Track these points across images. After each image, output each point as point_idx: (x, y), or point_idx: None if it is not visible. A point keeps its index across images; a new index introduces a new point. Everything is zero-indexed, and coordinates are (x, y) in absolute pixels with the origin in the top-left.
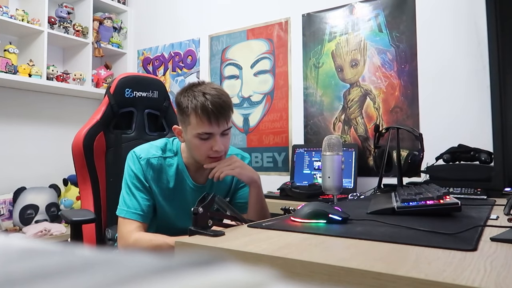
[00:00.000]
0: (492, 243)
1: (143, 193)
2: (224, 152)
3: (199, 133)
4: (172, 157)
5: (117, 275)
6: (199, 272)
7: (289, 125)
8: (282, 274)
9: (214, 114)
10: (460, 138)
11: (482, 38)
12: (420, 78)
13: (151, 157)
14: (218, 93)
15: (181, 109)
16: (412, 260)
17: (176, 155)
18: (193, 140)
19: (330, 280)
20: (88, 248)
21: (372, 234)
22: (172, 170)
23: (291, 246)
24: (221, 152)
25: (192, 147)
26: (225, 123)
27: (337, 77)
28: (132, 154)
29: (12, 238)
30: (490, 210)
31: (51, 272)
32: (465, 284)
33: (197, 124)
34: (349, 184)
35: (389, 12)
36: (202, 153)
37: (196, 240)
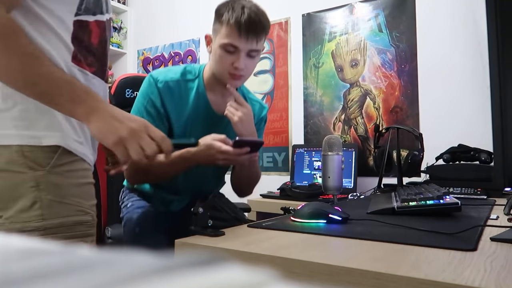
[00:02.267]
0: (492, 243)
1: (156, 120)
2: (245, 73)
3: (225, 43)
4: (193, 80)
5: (117, 275)
6: (199, 272)
7: (289, 125)
8: (282, 274)
9: (245, 29)
10: (460, 138)
11: (482, 38)
12: (420, 78)
13: (170, 80)
14: (257, 11)
15: (216, 17)
16: (412, 260)
17: (197, 77)
18: (218, 50)
19: (330, 280)
20: (88, 248)
21: (372, 234)
22: (192, 94)
23: (291, 246)
24: (241, 70)
25: (216, 58)
26: (255, 42)
27: (337, 77)
28: (149, 78)
29: (12, 238)
30: (490, 210)
31: (51, 272)
32: (465, 284)
33: (226, 34)
34: (349, 184)
35: (389, 12)
36: (224, 67)
37: (196, 240)
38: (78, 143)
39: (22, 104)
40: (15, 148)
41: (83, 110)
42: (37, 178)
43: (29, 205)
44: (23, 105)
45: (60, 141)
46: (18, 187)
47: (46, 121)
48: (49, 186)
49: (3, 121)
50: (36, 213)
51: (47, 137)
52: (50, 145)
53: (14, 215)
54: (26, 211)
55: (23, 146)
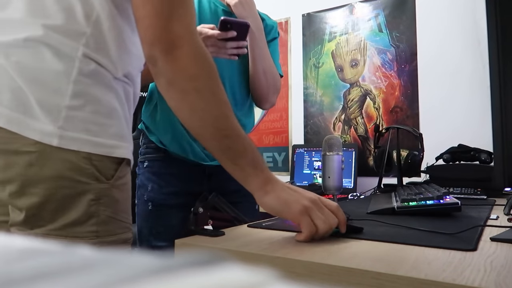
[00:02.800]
0: (492, 243)
1: None
2: None
3: None
4: None
5: (117, 275)
6: (199, 272)
7: (289, 125)
8: (282, 274)
9: None
10: (460, 138)
11: (482, 37)
12: (420, 78)
13: None
14: None
15: None
16: (412, 260)
17: None
18: None
19: (330, 280)
20: (88, 248)
21: (372, 234)
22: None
23: (291, 246)
24: None
25: None
26: None
27: (337, 77)
28: None
29: (12, 238)
30: (490, 210)
31: (51, 272)
32: (465, 284)
33: None
34: (349, 184)
35: (389, 12)
36: None
37: (196, 240)
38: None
39: (93, 104)
40: (84, 155)
41: (261, 179)
42: (100, 191)
43: (84, 220)
44: (94, 106)
45: (127, 153)
46: (75, 198)
47: (115, 128)
48: (109, 201)
49: (73, 121)
50: (91, 229)
51: (117, 147)
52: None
53: (63, 228)
54: (79, 226)
55: (92, 154)
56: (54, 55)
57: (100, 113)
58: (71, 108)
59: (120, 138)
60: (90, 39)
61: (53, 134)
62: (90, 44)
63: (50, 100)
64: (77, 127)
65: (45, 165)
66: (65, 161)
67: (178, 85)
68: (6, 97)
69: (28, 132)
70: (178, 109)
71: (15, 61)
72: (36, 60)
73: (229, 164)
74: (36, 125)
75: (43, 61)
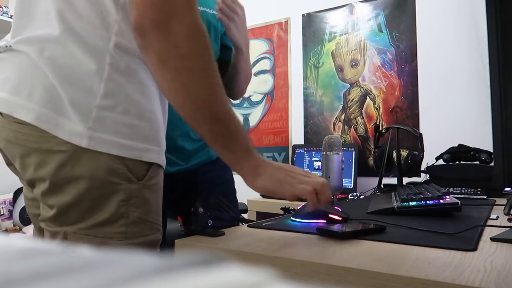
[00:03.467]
0: (492, 243)
1: None
2: None
3: None
4: None
5: (117, 275)
6: (199, 272)
7: (289, 125)
8: (282, 274)
9: None
10: (460, 138)
11: (482, 37)
12: (420, 78)
13: None
14: None
15: None
16: (412, 260)
17: None
18: None
19: (330, 280)
20: (88, 248)
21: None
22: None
23: (291, 246)
24: None
25: None
26: None
27: (337, 77)
28: None
29: (12, 238)
30: (490, 210)
31: (51, 272)
32: (465, 284)
33: None
34: (349, 184)
35: (389, 12)
36: None
37: (196, 240)
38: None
39: (125, 104)
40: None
41: (253, 163)
42: (131, 192)
43: (113, 220)
44: (126, 106)
45: (158, 158)
46: (106, 198)
47: (147, 130)
48: (139, 202)
49: (103, 122)
50: (119, 230)
51: (146, 151)
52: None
53: (92, 227)
54: (108, 226)
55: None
56: (86, 51)
57: (131, 113)
58: (102, 108)
59: (151, 141)
60: (122, 26)
61: (82, 135)
62: (123, 32)
63: (81, 99)
64: (107, 129)
65: (76, 164)
66: (97, 161)
67: (170, 63)
68: (38, 93)
69: (58, 131)
70: (169, 89)
71: (48, 57)
72: (68, 56)
73: (220, 149)
74: (66, 124)
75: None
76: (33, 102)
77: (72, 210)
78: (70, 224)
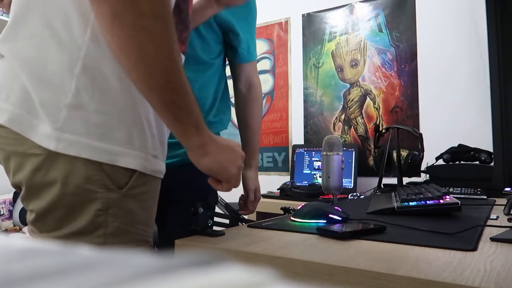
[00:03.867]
0: (492, 243)
1: None
2: None
3: None
4: None
5: (116, 275)
6: (199, 272)
7: (289, 125)
8: (282, 274)
9: None
10: (460, 138)
11: (482, 37)
12: (420, 78)
13: None
14: None
15: None
16: (412, 260)
17: None
18: None
19: (330, 280)
20: (88, 248)
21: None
22: None
23: (291, 246)
24: None
25: None
26: None
27: (337, 77)
28: None
29: (12, 238)
30: (490, 210)
31: (51, 272)
32: (465, 284)
33: None
34: (349, 184)
35: (389, 12)
36: None
37: (196, 240)
38: (154, 158)
39: (99, 102)
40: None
41: (202, 139)
42: (109, 201)
43: (90, 230)
44: (100, 104)
45: (137, 164)
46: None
47: (125, 132)
48: (120, 212)
49: (74, 122)
50: (97, 241)
51: (124, 155)
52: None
53: (68, 236)
54: (85, 236)
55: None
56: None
57: (106, 112)
58: (72, 107)
59: (130, 144)
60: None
61: (51, 137)
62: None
63: (50, 98)
64: (77, 130)
65: (51, 169)
66: (71, 166)
67: (126, 19)
68: (15, 95)
69: (31, 133)
70: (121, 49)
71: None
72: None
73: (170, 120)
74: (39, 126)
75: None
76: (10, 104)
77: (49, 217)
78: (48, 231)
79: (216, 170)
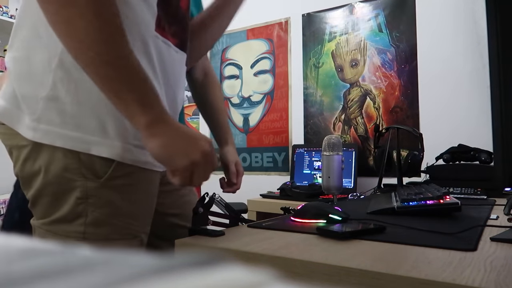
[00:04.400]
0: (492, 243)
1: None
2: None
3: None
4: None
5: (117, 275)
6: (199, 272)
7: (289, 125)
8: (282, 274)
9: None
10: (460, 138)
11: (482, 37)
12: (420, 78)
13: None
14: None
15: None
16: (412, 260)
17: None
18: None
19: (330, 280)
20: (88, 248)
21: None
22: None
23: (291, 246)
24: None
25: None
26: None
27: (337, 77)
28: None
29: (12, 238)
30: (490, 210)
31: (51, 272)
32: (465, 284)
33: None
34: (349, 184)
35: (389, 12)
36: None
37: (196, 240)
38: (136, 148)
39: (74, 94)
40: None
41: (148, 117)
42: (88, 190)
43: (71, 218)
44: (76, 96)
45: (113, 153)
46: (63, 195)
47: (99, 121)
48: (99, 201)
49: (49, 113)
50: (78, 229)
51: (97, 144)
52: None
53: (52, 223)
54: (67, 224)
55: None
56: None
57: (82, 103)
58: (48, 99)
59: (102, 133)
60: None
61: (29, 127)
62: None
63: (30, 92)
64: (53, 120)
65: (36, 159)
66: (52, 155)
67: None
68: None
69: (17, 126)
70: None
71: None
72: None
73: (110, 96)
74: (22, 119)
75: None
76: (4, 99)
77: (38, 205)
78: (38, 218)
79: (162, 156)
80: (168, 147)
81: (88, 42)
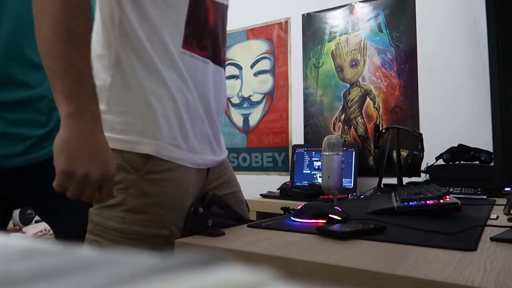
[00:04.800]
0: (492, 243)
1: None
2: None
3: None
4: None
5: (116, 275)
6: (199, 272)
7: (289, 125)
8: (282, 274)
9: None
10: (460, 138)
11: (482, 37)
12: (420, 78)
13: None
14: None
15: None
16: (412, 260)
17: None
18: None
19: (330, 280)
20: (88, 248)
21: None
22: None
23: (291, 246)
24: None
25: None
26: None
27: (337, 77)
28: None
29: (12, 238)
30: (490, 210)
31: (51, 272)
32: (465, 284)
33: None
34: (349, 184)
35: (389, 12)
36: None
37: (196, 240)
38: (174, 147)
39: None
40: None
41: (70, 110)
42: (129, 182)
43: (116, 205)
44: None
45: (151, 150)
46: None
47: (140, 125)
48: (136, 192)
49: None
50: (119, 215)
51: (139, 143)
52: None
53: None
54: (111, 209)
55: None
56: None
57: (125, 112)
58: (104, 112)
59: (143, 134)
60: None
61: None
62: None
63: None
64: (105, 127)
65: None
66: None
67: None
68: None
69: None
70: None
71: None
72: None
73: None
74: None
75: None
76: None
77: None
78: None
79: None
80: (64, 146)
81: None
